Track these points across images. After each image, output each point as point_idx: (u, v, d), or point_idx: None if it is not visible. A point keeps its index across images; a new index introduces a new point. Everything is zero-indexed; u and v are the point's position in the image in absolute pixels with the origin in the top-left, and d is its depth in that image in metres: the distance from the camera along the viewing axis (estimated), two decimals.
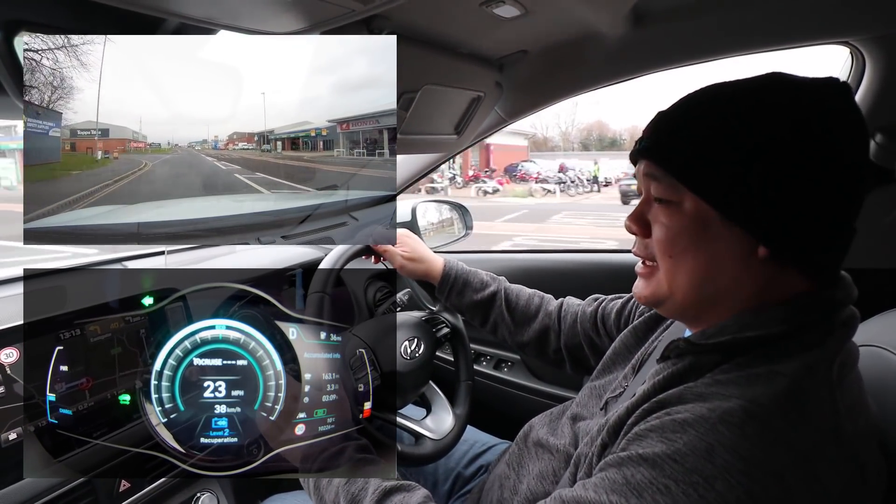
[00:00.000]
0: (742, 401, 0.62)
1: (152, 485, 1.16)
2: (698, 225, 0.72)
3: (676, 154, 0.73)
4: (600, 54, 1.41)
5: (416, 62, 1.16)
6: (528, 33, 1.29)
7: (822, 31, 1.22)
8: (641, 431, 0.66)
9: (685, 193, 0.73)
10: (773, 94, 0.69)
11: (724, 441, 0.59)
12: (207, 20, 0.82)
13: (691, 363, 0.72)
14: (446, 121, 1.49)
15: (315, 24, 0.89)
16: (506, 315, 1.35)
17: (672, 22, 1.29)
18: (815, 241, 0.68)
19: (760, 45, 1.28)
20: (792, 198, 0.66)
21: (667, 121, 0.76)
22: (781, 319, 0.69)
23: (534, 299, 1.37)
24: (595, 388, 1.07)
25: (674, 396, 0.68)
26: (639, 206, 0.82)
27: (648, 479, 0.61)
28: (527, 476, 1.00)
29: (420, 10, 1.02)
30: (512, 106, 1.66)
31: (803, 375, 0.64)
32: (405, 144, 1.41)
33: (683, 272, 0.75)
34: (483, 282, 1.38)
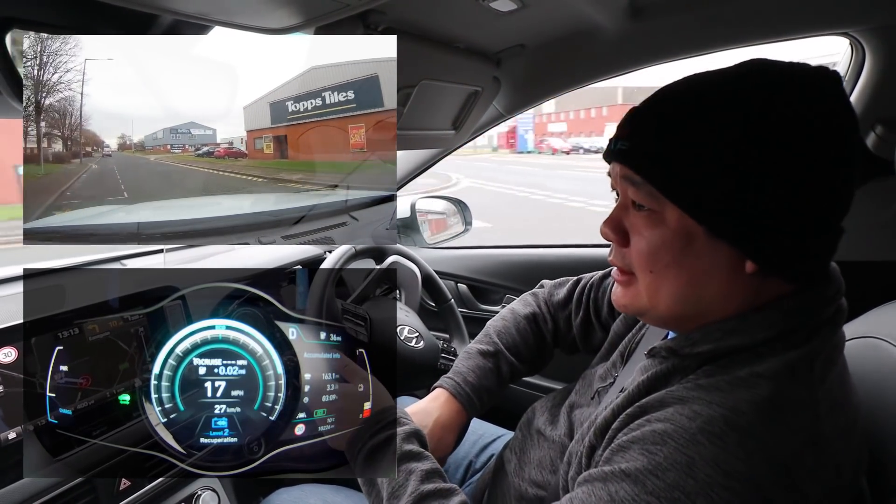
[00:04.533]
0: (723, 409, 0.61)
1: (152, 483, 1.16)
2: (682, 240, 0.68)
3: (658, 163, 0.68)
4: (598, 47, 1.40)
5: (412, 57, 1.16)
6: (526, 27, 1.28)
7: (822, 22, 1.22)
8: (624, 443, 0.66)
9: (667, 204, 0.68)
10: (755, 89, 0.64)
11: (704, 454, 0.59)
12: (201, 16, 0.81)
13: (675, 364, 0.72)
14: (444, 116, 1.49)
15: (310, 20, 0.89)
16: (523, 368, 1.20)
17: (670, 14, 1.28)
18: (803, 251, 0.66)
19: (760, 36, 1.28)
20: (781, 210, 0.63)
21: (644, 121, 0.71)
22: (768, 325, 0.67)
23: (528, 334, 1.22)
24: (590, 375, 1.06)
25: (655, 401, 0.68)
26: (615, 210, 0.77)
27: (631, 496, 0.61)
28: (528, 463, 1.01)
29: (416, 5, 1.02)
30: (510, 100, 1.66)
31: (785, 377, 0.64)
32: (403, 140, 1.41)
33: (666, 288, 0.71)
34: (491, 369, 1.15)
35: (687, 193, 0.66)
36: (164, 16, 0.83)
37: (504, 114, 1.71)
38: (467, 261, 2.02)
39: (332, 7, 0.84)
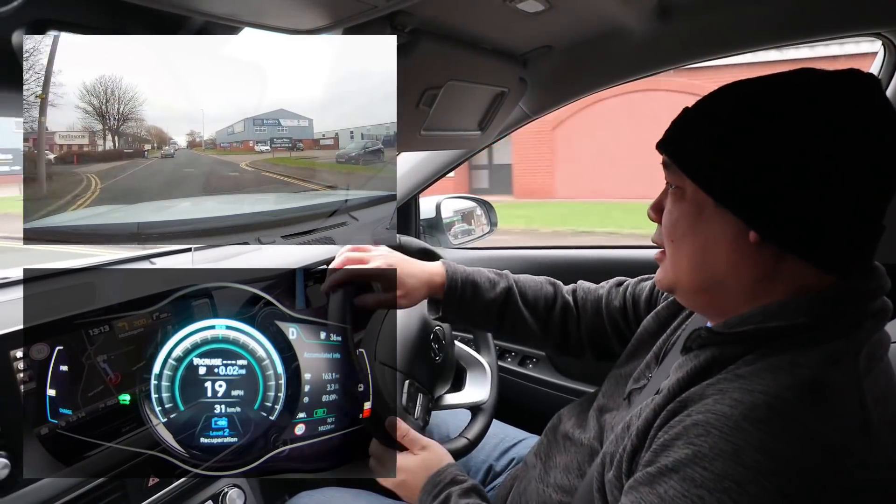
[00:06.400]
0: (765, 396, 0.61)
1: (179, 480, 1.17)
2: (695, 210, 0.75)
3: (680, 143, 0.77)
4: (625, 49, 1.39)
5: (439, 59, 1.16)
6: (553, 28, 1.28)
7: (854, 22, 1.20)
8: (667, 440, 0.66)
9: (686, 180, 0.75)
10: (784, 90, 0.69)
11: (750, 440, 0.59)
12: (231, 17, 0.82)
13: (714, 355, 0.72)
14: (470, 117, 1.49)
15: (338, 21, 0.89)
16: (524, 311, 1.20)
17: (698, 15, 1.27)
18: (816, 232, 0.67)
19: (789, 37, 1.26)
20: (783, 188, 0.66)
21: (683, 114, 0.79)
22: (806, 311, 0.68)
23: (545, 287, 1.25)
24: (619, 375, 1.05)
25: (696, 394, 0.68)
26: (660, 194, 0.84)
27: (681, 493, 0.60)
28: (554, 468, 1.00)
29: (443, 6, 1.02)
30: (536, 102, 1.65)
31: (827, 367, 0.64)
32: (429, 141, 1.41)
33: (683, 256, 0.78)
34: (491, 279, 1.21)
35: (694, 163, 0.74)
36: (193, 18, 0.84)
37: (530, 115, 1.70)
38: (491, 262, 2.01)
39: (361, 8, 0.85)
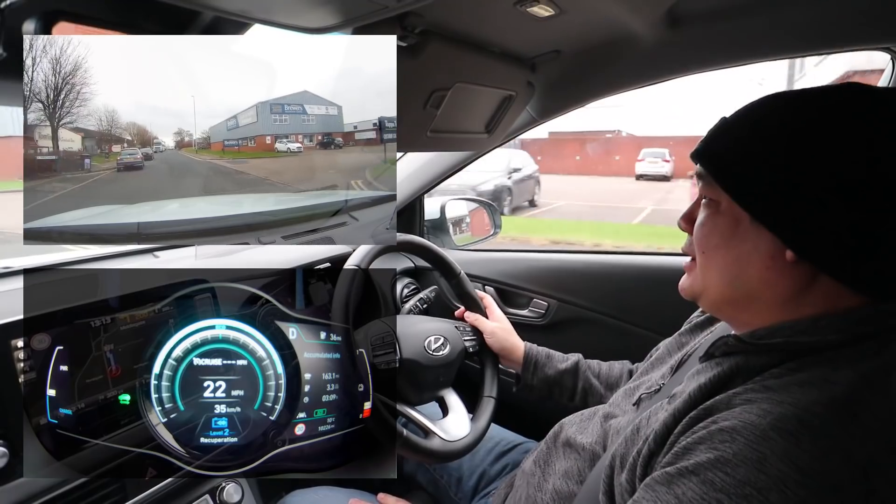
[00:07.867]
0: (795, 408, 0.60)
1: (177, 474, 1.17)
2: (730, 224, 0.75)
3: (718, 156, 0.76)
4: (635, 56, 1.39)
5: (448, 60, 1.16)
6: (562, 33, 1.28)
7: (862, 35, 1.20)
8: (689, 444, 0.65)
9: (722, 194, 0.75)
10: (829, 105, 0.69)
11: (777, 450, 0.58)
12: (242, 13, 0.82)
13: (738, 364, 0.72)
14: (477, 119, 1.49)
15: (348, 20, 0.89)
16: (593, 380, 1.34)
17: (708, 25, 1.27)
18: (856, 256, 0.65)
19: (798, 49, 1.26)
20: (825, 209, 0.65)
21: (721, 125, 0.79)
22: (837, 329, 0.68)
23: (615, 365, 1.37)
24: (630, 389, 1.06)
25: (721, 403, 0.67)
26: (691, 205, 0.86)
27: (700, 495, 0.59)
28: (552, 475, 1.00)
29: (453, 8, 1.02)
30: (544, 106, 1.65)
31: (859, 385, 0.63)
32: (436, 142, 1.41)
33: (714, 268, 0.79)
34: (563, 356, 1.41)
35: (733, 180, 0.74)
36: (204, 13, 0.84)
37: (537, 118, 1.70)
38: (495, 264, 2.01)
39: (371, 8, 0.85)
